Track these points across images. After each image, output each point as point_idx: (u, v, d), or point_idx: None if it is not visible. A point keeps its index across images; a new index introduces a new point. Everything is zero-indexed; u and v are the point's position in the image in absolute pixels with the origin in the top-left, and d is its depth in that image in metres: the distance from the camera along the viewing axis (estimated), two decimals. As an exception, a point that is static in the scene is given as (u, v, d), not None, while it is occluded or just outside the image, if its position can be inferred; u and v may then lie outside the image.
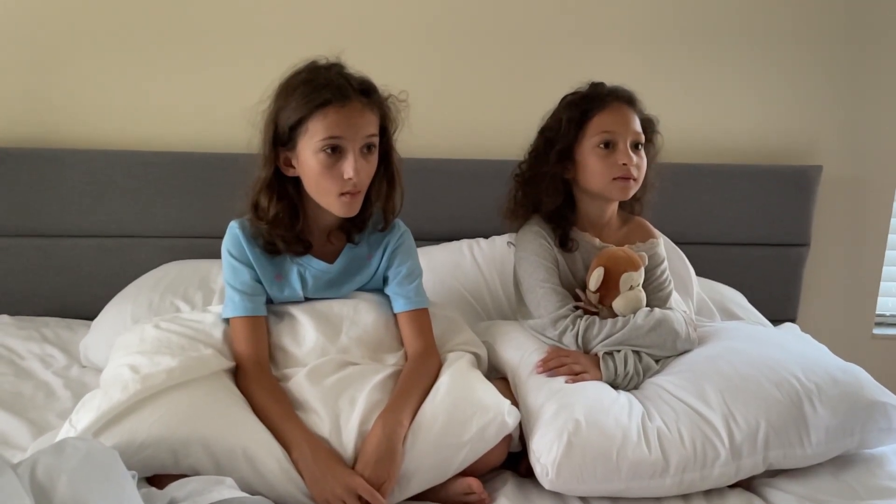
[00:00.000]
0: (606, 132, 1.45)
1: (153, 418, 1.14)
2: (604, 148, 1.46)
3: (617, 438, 1.21)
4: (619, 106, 1.47)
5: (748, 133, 2.15)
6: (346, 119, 1.27)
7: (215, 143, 1.96)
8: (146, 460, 1.12)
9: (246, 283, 1.37)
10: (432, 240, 1.94)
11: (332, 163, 1.29)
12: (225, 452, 1.13)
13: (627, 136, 1.46)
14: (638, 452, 1.21)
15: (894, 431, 1.33)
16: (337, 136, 1.27)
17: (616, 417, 1.25)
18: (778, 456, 1.25)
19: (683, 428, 1.24)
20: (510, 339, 1.50)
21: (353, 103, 1.28)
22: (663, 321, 1.44)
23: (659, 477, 1.21)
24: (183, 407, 1.17)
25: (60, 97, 1.95)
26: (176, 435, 1.13)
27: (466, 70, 2.04)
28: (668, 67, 2.08)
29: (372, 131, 1.31)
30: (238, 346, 1.35)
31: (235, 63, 1.96)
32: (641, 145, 1.49)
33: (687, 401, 1.30)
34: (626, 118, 1.47)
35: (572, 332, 1.43)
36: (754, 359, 1.38)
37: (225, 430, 1.16)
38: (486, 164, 1.97)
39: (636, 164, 1.46)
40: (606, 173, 1.46)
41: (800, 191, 2.09)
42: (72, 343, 1.74)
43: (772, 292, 2.12)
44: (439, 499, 1.23)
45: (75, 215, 1.93)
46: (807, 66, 2.11)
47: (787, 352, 1.43)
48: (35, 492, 0.91)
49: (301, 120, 1.28)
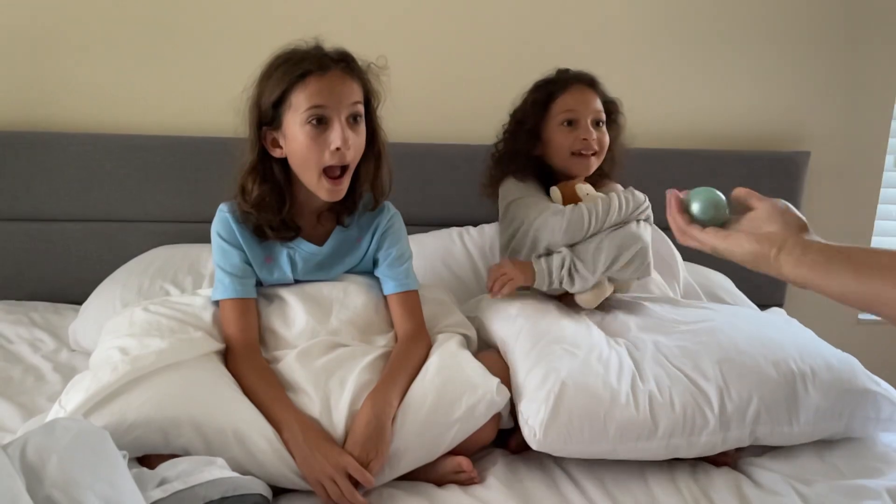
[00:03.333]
0: (569, 111, 1.58)
1: (143, 399, 1.14)
2: (567, 125, 1.58)
3: (605, 399, 1.24)
4: (581, 88, 1.60)
5: (737, 119, 2.16)
6: (329, 87, 1.28)
7: (205, 127, 1.95)
8: (136, 441, 1.12)
9: (236, 265, 1.37)
10: (422, 225, 1.94)
11: (318, 133, 1.29)
12: (215, 432, 1.14)
13: (588, 115, 1.58)
14: (626, 413, 1.23)
15: (881, 421, 1.35)
16: (321, 105, 1.27)
17: (604, 379, 1.27)
18: (765, 431, 1.28)
19: (676, 394, 1.27)
20: (497, 310, 1.52)
21: (334, 71, 1.29)
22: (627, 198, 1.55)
23: (646, 440, 1.23)
24: (173, 388, 1.17)
25: (50, 81, 1.94)
26: (166, 415, 1.13)
27: (456, 54, 2.03)
28: (657, 56, 2.09)
29: (356, 98, 1.32)
30: (228, 329, 1.35)
31: (225, 48, 1.95)
32: (602, 123, 1.61)
33: (683, 369, 1.32)
34: (586, 98, 1.59)
35: (564, 214, 1.50)
36: (754, 336, 1.41)
37: (215, 411, 1.16)
38: (477, 150, 1.95)
39: (596, 139, 1.58)
40: (568, 147, 1.58)
41: (788, 177, 2.10)
42: (61, 327, 1.74)
43: (759, 277, 2.07)
44: (429, 478, 1.24)
45: (64, 199, 1.91)
46: (794, 53, 2.12)
47: (784, 334, 1.45)
48: (25, 471, 0.91)
49: (283, 95, 1.28)
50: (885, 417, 1.35)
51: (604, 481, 1.24)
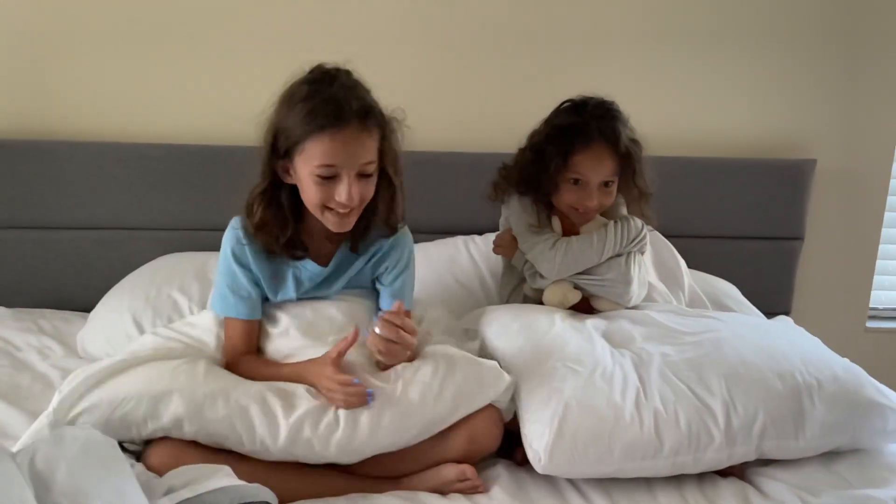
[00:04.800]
0: (579, 173, 1.54)
1: (134, 379, 1.24)
2: (574, 183, 1.55)
3: (609, 419, 1.23)
4: (600, 149, 1.53)
5: (742, 127, 2.15)
6: (343, 147, 1.26)
7: (212, 135, 1.96)
8: (128, 414, 1.19)
9: (244, 287, 1.40)
10: (427, 232, 1.94)
11: (325, 184, 1.29)
12: (203, 396, 1.21)
13: (597, 178, 1.54)
14: (631, 433, 1.23)
15: (889, 434, 1.34)
16: (331, 165, 1.27)
17: (608, 397, 1.26)
18: (771, 446, 1.27)
19: (681, 410, 1.26)
20: (499, 325, 1.52)
21: (350, 129, 1.26)
22: (622, 229, 1.58)
23: (652, 458, 1.23)
24: (163, 370, 1.26)
25: (57, 89, 1.95)
26: (156, 388, 1.22)
27: (463, 62, 2.04)
28: (662, 63, 2.09)
29: (369, 158, 1.30)
30: (230, 343, 1.40)
31: (233, 55, 1.96)
32: (612, 183, 1.57)
33: (688, 383, 1.31)
34: (602, 162, 1.53)
35: (555, 248, 1.55)
36: (760, 348, 1.40)
37: (203, 381, 1.25)
38: (483, 158, 1.95)
39: (597, 204, 1.56)
40: (570, 203, 1.57)
41: (794, 184, 2.10)
42: (69, 335, 1.74)
43: (765, 286, 2.12)
44: (433, 487, 1.24)
45: (72, 207, 1.93)
46: (800, 60, 2.12)
47: (790, 344, 1.45)
48: (34, 480, 0.92)
49: (297, 142, 1.28)
50: (892, 429, 1.34)
51: (610, 492, 1.24)
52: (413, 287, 1.51)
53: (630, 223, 1.59)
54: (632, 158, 1.56)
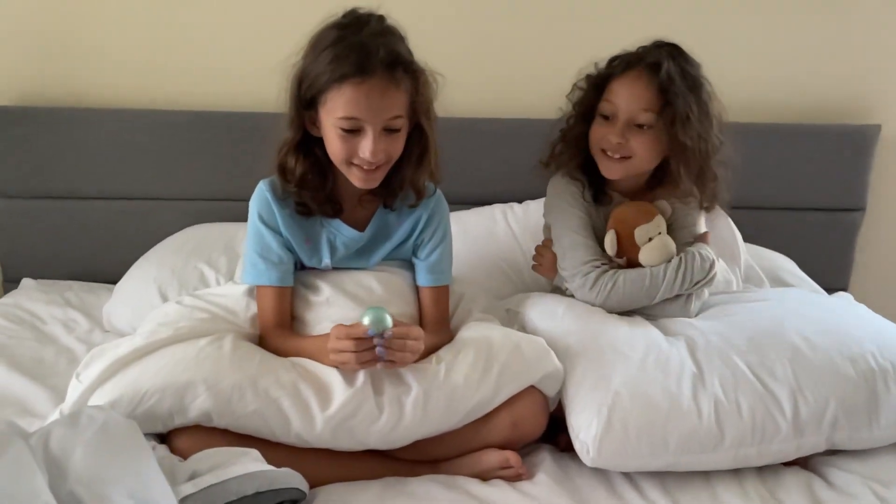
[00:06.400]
0: (608, 102, 1.37)
1: (157, 367, 1.15)
2: (602, 118, 1.39)
3: (663, 409, 1.15)
4: (636, 76, 1.34)
5: (799, 88, 2.02)
6: (366, 99, 1.18)
7: (240, 101, 1.89)
8: (152, 409, 1.11)
9: (274, 251, 1.32)
10: (464, 203, 1.86)
11: (349, 138, 1.21)
12: (231, 388, 1.13)
13: (627, 113, 1.34)
14: (688, 423, 1.14)
15: None
16: (354, 118, 1.19)
17: (663, 384, 1.18)
18: (843, 437, 1.19)
19: (743, 398, 1.17)
20: (543, 308, 1.43)
21: (375, 80, 1.17)
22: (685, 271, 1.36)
23: (711, 451, 1.14)
24: (187, 355, 1.18)
25: (82, 56, 1.89)
26: (179, 380, 1.13)
27: (499, 24, 1.93)
28: (710, 19, 1.95)
29: (395, 113, 1.21)
30: (263, 314, 1.33)
31: (260, 19, 1.88)
32: (648, 126, 1.35)
33: (751, 367, 1.21)
34: (634, 92, 1.34)
35: (596, 287, 1.35)
36: (826, 328, 1.30)
37: (228, 368, 1.16)
38: (521, 123, 1.88)
39: (625, 144, 1.35)
40: (596, 143, 1.40)
41: (855, 152, 1.97)
42: (95, 307, 1.71)
43: (823, 260, 2.01)
44: (474, 472, 1.19)
45: (97, 176, 1.88)
46: (862, 16, 1.97)
47: (857, 324, 1.34)
48: (48, 465, 0.87)
49: (321, 91, 1.20)
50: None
51: (664, 481, 1.16)
52: (451, 261, 1.44)
53: (698, 259, 1.36)
54: (678, 100, 1.32)
